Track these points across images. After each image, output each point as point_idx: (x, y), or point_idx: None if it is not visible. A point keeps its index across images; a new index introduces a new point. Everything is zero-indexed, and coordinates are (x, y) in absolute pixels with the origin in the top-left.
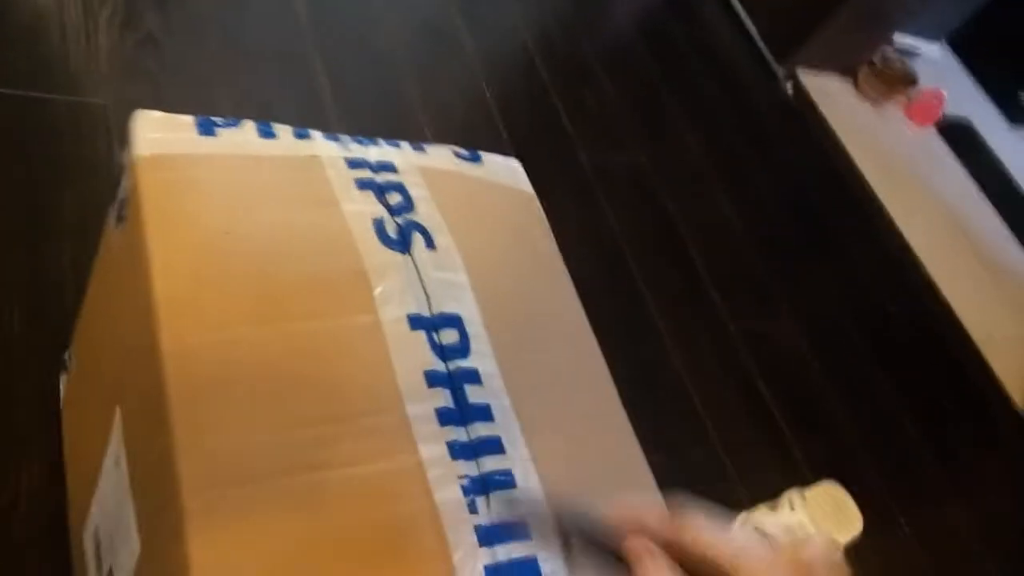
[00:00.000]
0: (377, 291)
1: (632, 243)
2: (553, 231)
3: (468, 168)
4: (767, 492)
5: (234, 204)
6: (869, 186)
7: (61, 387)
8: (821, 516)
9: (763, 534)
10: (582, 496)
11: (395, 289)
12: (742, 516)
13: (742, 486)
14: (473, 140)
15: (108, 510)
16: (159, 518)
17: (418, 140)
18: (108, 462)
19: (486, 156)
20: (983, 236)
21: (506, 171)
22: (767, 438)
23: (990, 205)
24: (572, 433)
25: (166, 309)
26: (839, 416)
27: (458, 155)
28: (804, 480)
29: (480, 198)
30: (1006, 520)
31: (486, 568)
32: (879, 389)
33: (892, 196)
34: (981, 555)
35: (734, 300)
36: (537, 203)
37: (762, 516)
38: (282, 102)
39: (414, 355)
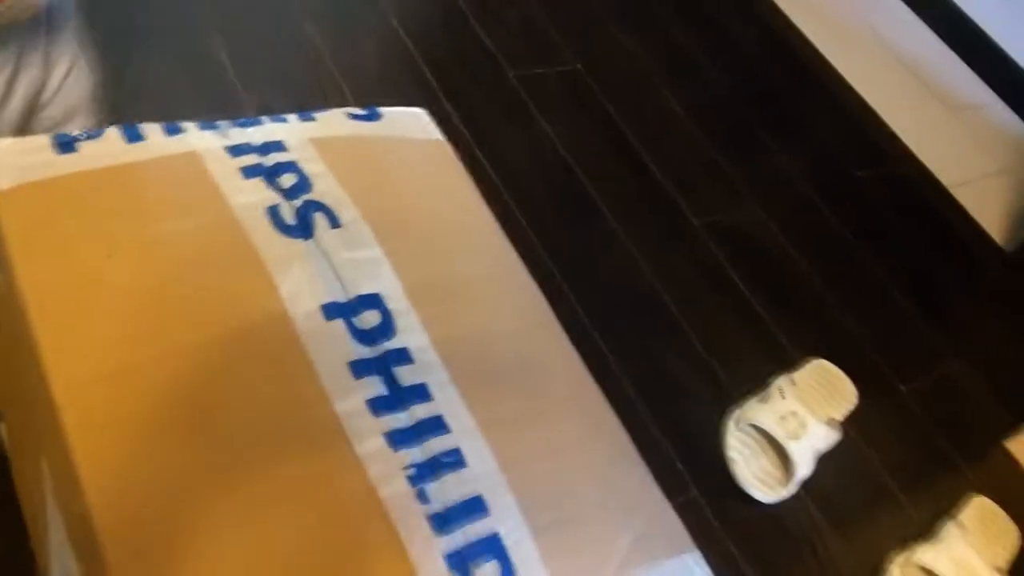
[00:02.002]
0: (283, 286)
1: (579, 155)
2: (493, 157)
3: (366, 128)
4: (758, 384)
5: (110, 223)
6: (818, 50)
7: (3, 435)
8: (813, 396)
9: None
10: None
11: (303, 280)
12: (734, 414)
13: (730, 382)
14: (395, 87)
15: (63, 568)
16: (94, 573)
17: (337, 100)
18: (49, 516)
19: (385, 111)
20: (943, 79)
21: (409, 122)
22: (749, 329)
23: (945, 46)
24: (524, 390)
25: (51, 353)
26: (820, 293)
27: (353, 116)
28: (794, 365)
29: (384, 159)
30: (1007, 363)
31: (447, 557)
32: (857, 257)
33: (844, 56)
34: (984, 402)
35: (695, 196)
36: (448, 148)
37: (753, 410)
38: (183, 89)
39: (334, 347)
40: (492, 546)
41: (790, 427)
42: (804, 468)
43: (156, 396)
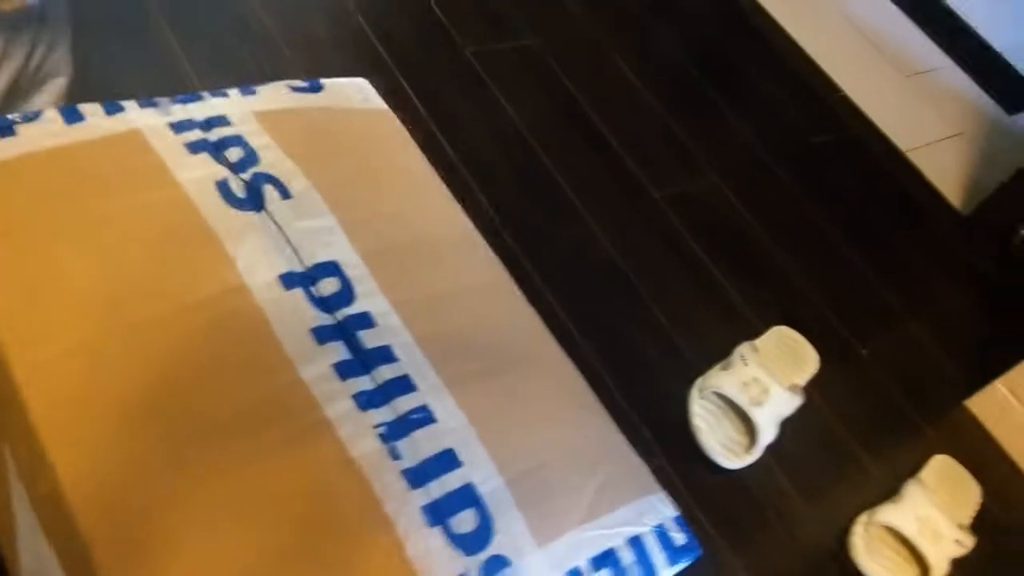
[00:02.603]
0: (239, 259)
1: (536, 130)
2: (450, 135)
3: (309, 100)
4: (722, 354)
5: (55, 204)
6: (772, 17)
7: None
8: (775, 362)
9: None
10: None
11: (258, 252)
12: (698, 383)
13: (693, 352)
14: (350, 67)
15: (33, 554)
16: (72, 555)
17: (292, 78)
18: (16, 503)
19: (327, 82)
20: (897, 45)
21: (352, 92)
22: (711, 298)
23: (899, 10)
24: (486, 346)
25: (6, 334)
26: (780, 260)
27: (295, 88)
28: (756, 332)
29: (328, 129)
30: (963, 323)
31: (423, 508)
32: (815, 223)
33: (798, 22)
34: (943, 363)
35: (653, 167)
36: (392, 117)
37: (716, 378)
38: (135, 79)
39: (295, 316)
40: (467, 496)
41: (753, 393)
42: (768, 433)
43: (118, 370)
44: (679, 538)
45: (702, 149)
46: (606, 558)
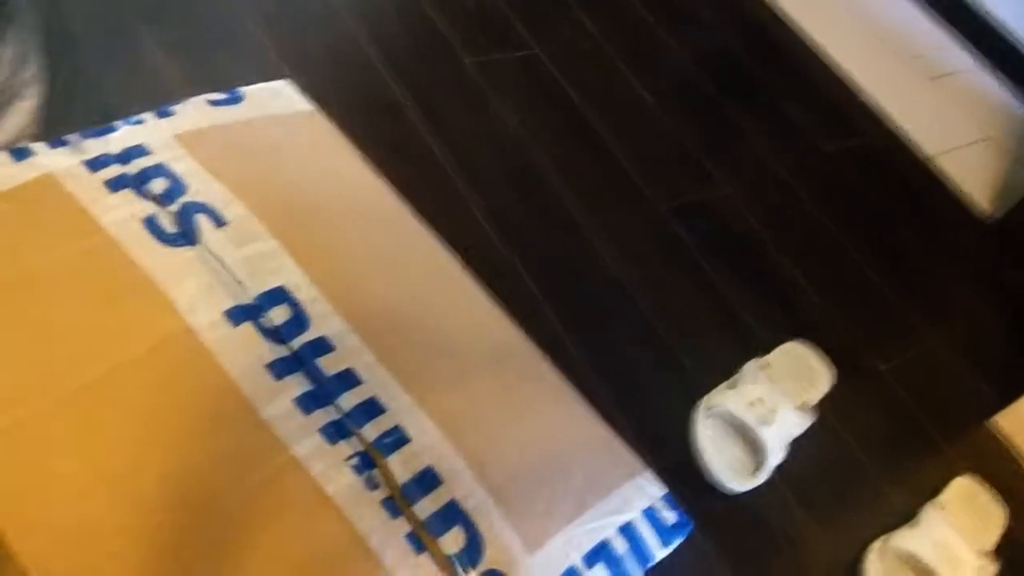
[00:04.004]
0: (179, 300)
1: (540, 143)
2: (450, 147)
3: (230, 113)
4: (728, 371)
5: None
6: (785, 21)
7: None
8: (785, 380)
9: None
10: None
11: (198, 289)
12: (703, 402)
13: (699, 370)
14: (346, 78)
15: None
16: None
17: None
18: None
19: (247, 90)
20: (917, 47)
21: (274, 98)
22: (718, 314)
23: (918, 11)
24: (449, 351)
25: None
26: (792, 272)
27: (214, 103)
28: (766, 348)
29: (255, 143)
30: (989, 337)
31: (408, 536)
32: (830, 234)
33: (812, 25)
34: (967, 379)
35: (661, 180)
36: (319, 116)
37: (722, 397)
38: (116, 89)
39: (248, 352)
40: (452, 514)
41: (760, 412)
42: (776, 455)
43: (64, 446)
44: (670, 517)
45: (710, 158)
46: (600, 552)
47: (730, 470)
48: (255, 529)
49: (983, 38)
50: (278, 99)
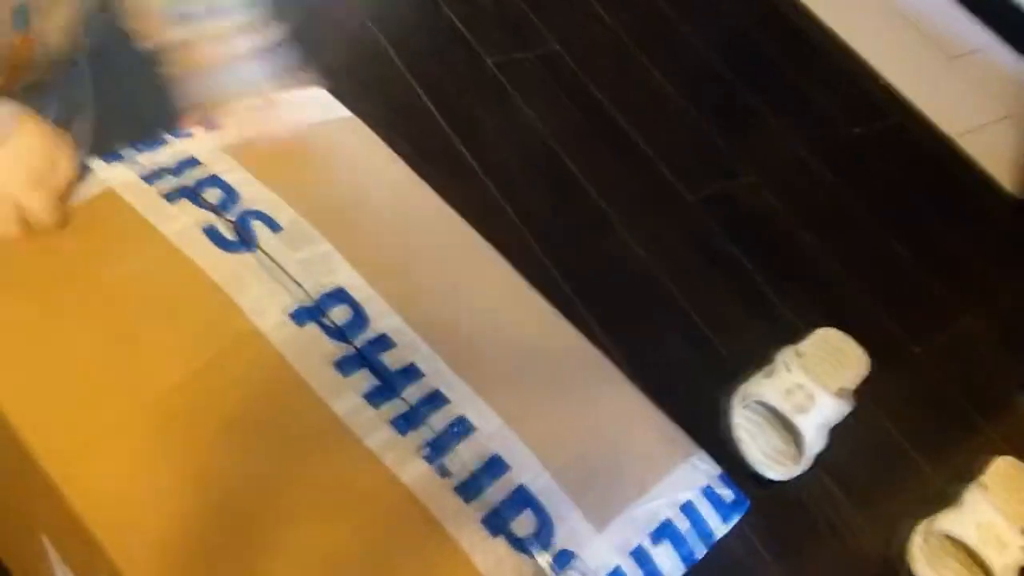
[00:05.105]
0: (244, 304)
1: (563, 139)
2: (475, 149)
3: (273, 121)
4: (763, 359)
5: (42, 289)
6: (804, 4)
7: None
8: (821, 367)
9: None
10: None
11: (262, 293)
12: (739, 392)
13: (734, 360)
14: (367, 83)
15: None
16: None
17: None
18: None
19: (287, 97)
20: (937, 26)
21: (312, 105)
22: (751, 303)
23: None
24: (502, 342)
25: (28, 432)
26: (823, 259)
27: (256, 111)
28: (800, 336)
29: (301, 150)
30: (1021, 312)
31: (483, 520)
32: (859, 218)
33: (832, 8)
34: (1003, 358)
35: (687, 171)
36: (359, 123)
37: (758, 386)
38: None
39: (314, 351)
40: (522, 497)
41: (797, 400)
42: (815, 442)
43: (150, 449)
44: (727, 495)
45: (737, 150)
46: (664, 529)
47: (769, 459)
48: (335, 518)
49: (1001, 15)
50: (316, 106)
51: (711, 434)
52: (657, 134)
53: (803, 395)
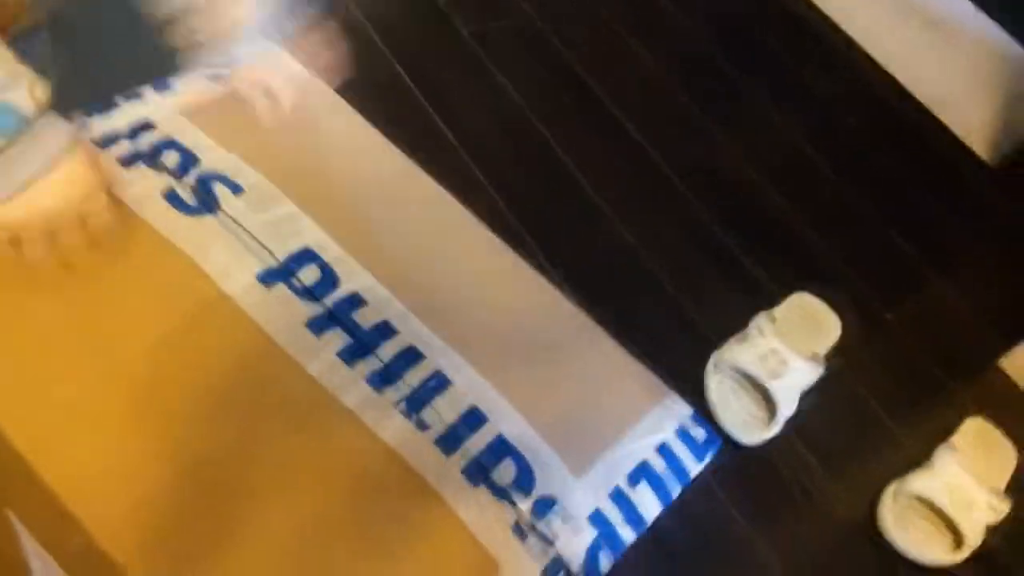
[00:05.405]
0: (209, 268)
1: (542, 113)
2: (452, 123)
3: (229, 82)
4: (739, 326)
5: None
6: None
7: None
8: (794, 332)
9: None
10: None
11: (227, 257)
12: (712, 358)
13: (710, 328)
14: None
15: None
16: None
17: None
18: (33, 561)
19: (243, 58)
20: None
21: (275, 68)
22: (726, 270)
23: None
24: (474, 295)
25: None
26: (797, 226)
27: (211, 75)
28: (774, 301)
29: (261, 112)
30: (995, 281)
31: (464, 471)
32: (833, 185)
33: None
34: (975, 323)
35: (672, 150)
36: (316, 80)
37: (732, 351)
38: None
39: (285, 313)
40: (501, 447)
41: (770, 365)
42: (787, 406)
43: (119, 418)
44: (700, 434)
45: (723, 129)
46: (641, 471)
47: (742, 423)
48: (315, 479)
49: None
50: (276, 68)
51: (688, 400)
52: (640, 111)
53: (776, 360)
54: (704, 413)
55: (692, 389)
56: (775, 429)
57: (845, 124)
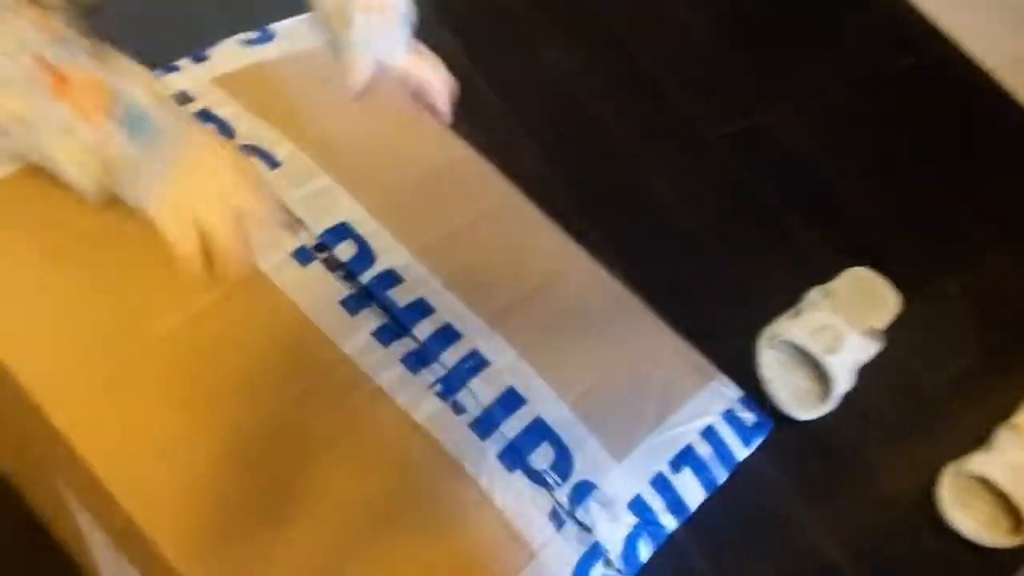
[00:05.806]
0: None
1: (582, 79)
2: (496, 86)
3: (265, 52)
4: (792, 301)
5: (37, 237)
6: None
7: None
8: (850, 306)
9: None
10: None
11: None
12: (766, 332)
13: (763, 301)
14: None
15: (114, 567)
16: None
17: None
18: (84, 526)
19: (278, 27)
20: None
21: (307, 31)
22: (780, 243)
23: None
24: (514, 271)
25: (31, 379)
26: (854, 197)
27: (248, 42)
28: (829, 276)
29: (293, 81)
30: None
31: (500, 456)
32: (891, 155)
33: None
34: None
35: (713, 108)
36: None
37: (787, 326)
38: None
39: (321, 291)
40: (539, 430)
41: (825, 340)
42: (842, 382)
43: (155, 394)
44: (749, 418)
45: (766, 85)
46: (685, 456)
47: (796, 399)
48: (348, 460)
49: None
50: (310, 32)
51: (741, 375)
52: (682, 69)
53: (832, 335)
54: (756, 389)
55: (743, 366)
56: (830, 405)
57: (903, 91)
